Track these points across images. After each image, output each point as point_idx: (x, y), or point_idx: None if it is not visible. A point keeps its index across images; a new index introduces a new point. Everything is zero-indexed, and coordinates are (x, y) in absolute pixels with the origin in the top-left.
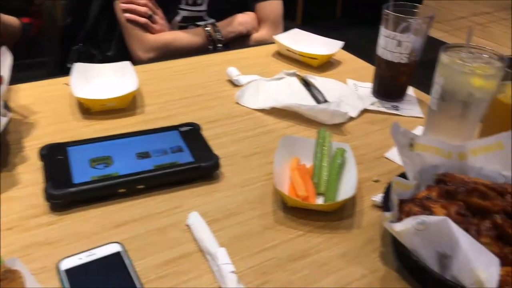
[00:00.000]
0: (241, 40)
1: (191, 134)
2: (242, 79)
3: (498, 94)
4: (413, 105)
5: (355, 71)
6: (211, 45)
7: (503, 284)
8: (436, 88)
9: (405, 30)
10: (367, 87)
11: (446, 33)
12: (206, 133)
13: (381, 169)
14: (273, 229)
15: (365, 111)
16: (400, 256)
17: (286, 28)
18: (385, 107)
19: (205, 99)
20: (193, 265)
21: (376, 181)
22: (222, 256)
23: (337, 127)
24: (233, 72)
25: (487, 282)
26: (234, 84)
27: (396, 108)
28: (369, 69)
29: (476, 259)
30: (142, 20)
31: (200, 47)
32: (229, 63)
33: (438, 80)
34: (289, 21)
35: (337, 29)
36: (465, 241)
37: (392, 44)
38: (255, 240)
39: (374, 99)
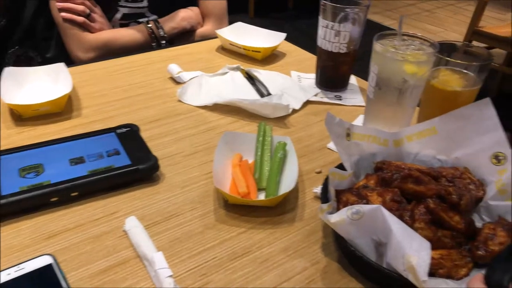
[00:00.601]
0: (185, 36)
1: (129, 135)
2: (185, 75)
3: (432, 80)
4: (355, 94)
5: (300, 62)
6: (154, 42)
7: (437, 267)
8: (371, 77)
9: (343, 20)
10: (311, 78)
11: (395, 20)
12: (146, 133)
13: (323, 160)
14: (214, 228)
15: (308, 102)
16: (340, 246)
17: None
18: (328, 98)
19: (146, 98)
20: (130, 272)
21: (319, 172)
22: (159, 260)
23: (280, 120)
24: (174, 69)
25: (418, 267)
26: (176, 81)
27: (339, 98)
28: (312, 60)
29: (408, 245)
30: (80, 19)
31: (143, 45)
32: (171, 60)
33: (373, 68)
34: (243, 14)
35: (290, 21)
36: (397, 228)
37: (331, 34)
38: (195, 241)
39: (317, 90)
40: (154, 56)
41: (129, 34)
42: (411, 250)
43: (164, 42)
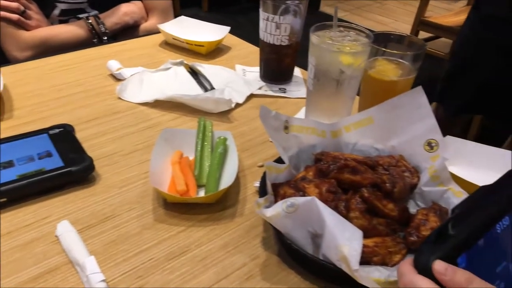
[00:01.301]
0: (129, 32)
1: (63, 136)
2: (125, 72)
3: (369, 70)
4: (300, 86)
5: (245, 56)
6: (95, 39)
7: (371, 255)
8: (310, 68)
9: (283, 12)
10: (256, 71)
11: (348, 12)
12: (83, 133)
13: (266, 154)
14: (152, 228)
15: (252, 96)
16: (278, 239)
17: (195, 17)
18: (272, 91)
19: (83, 97)
20: (62, 279)
21: (261, 166)
22: (90, 265)
23: (224, 115)
24: (114, 65)
25: (350, 256)
26: (116, 78)
27: (284, 90)
28: (257, 53)
29: (341, 235)
30: (14, 16)
31: (84, 41)
32: (111, 56)
33: (311, 60)
34: (196, 8)
35: (244, 14)
36: (331, 219)
37: (271, 26)
38: (132, 242)
39: (262, 83)
40: (93, 53)
41: (68, 30)
42: (343, 240)
43: (105, 38)
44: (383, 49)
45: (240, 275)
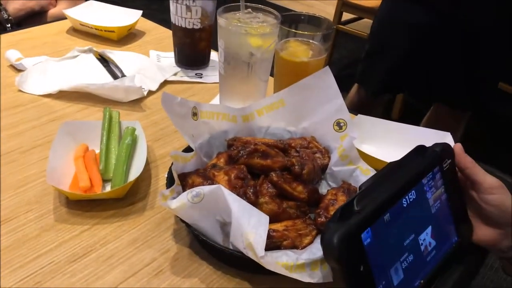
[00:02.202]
0: (37, 18)
1: None
2: (26, 62)
3: (280, 52)
4: (216, 70)
5: (160, 41)
6: None
7: (282, 239)
8: (220, 52)
9: None
10: (171, 57)
11: None
12: None
13: (179, 143)
14: (53, 229)
15: (167, 83)
16: (189, 231)
17: (106, 1)
18: (188, 76)
19: None
20: None
21: None
22: None
23: (136, 104)
24: (13, 55)
25: (256, 243)
26: (16, 69)
27: (200, 76)
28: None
29: (246, 222)
30: None
31: None
32: (13, 45)
33: (220, 43)
34: None
35: None
36: (237, 206)
37: (182, 9)
38: (30, 246)
39: (177, 69)
40: None
41: None
42: (249, 227)
43: (9, 25)
44: (294, 30)
45: (149, 271)
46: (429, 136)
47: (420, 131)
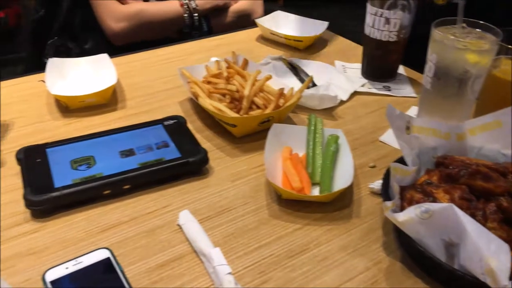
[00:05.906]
0: (220, 12)
1: (177, 127)
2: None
3: (493, 70)
4: (405, 84)
5: (342, 51)
6: (186, 13)
7: None
8: (429, 66)
9: (391, 7)
10: (356, 68)
11: None
12: (192, 125)
13: (376, 153)
14: (268, 224)
15: (355, 93)
16: (403, 245)
17: (269, 11)
18: (376, 88)
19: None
20: (187, 268)
21: (373, 166)
22: (217, 256)
23: (328, 112)
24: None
25: (499, 271)
26: None
27: (388, 88)
28: (356, 49)
29: (486, 247)
30: None
31: (175, 17)
32: (211, 50)
33: (431, 57)
34: (271, 2)
35: (318, 8)
36: (472, 228)
37: (380, 22)
38: (250, 237)
39: (364, 80)
40: (194, 46)
41: (160, 4)
42: (489, 252)
43: (196, 15)
44: (509, 46)
45: (364, 280)
46: None
47: None
